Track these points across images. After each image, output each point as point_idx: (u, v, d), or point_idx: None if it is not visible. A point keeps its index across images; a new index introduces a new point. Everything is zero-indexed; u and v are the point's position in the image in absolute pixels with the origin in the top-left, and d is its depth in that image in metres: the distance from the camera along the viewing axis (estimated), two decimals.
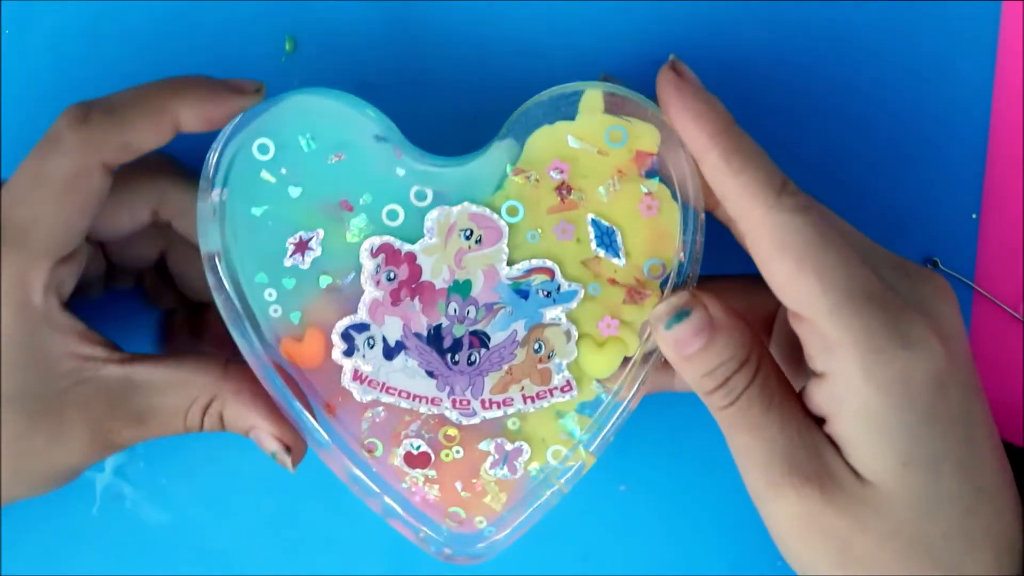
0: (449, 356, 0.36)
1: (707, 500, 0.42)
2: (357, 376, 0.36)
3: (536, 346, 0.35)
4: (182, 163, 0.38)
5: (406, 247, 0.35)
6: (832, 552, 0.32)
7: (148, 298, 0.41)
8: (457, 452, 0.36)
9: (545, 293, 0.35)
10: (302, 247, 0.35)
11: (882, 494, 0.32)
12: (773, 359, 0.34)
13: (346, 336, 0.35)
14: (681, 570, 0.42)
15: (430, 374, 0.36)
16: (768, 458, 0.32)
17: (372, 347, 0.35)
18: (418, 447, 0.36)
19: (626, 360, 0.35)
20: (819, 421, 0.33)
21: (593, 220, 0.34)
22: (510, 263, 0.35)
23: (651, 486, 0.42)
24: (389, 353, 0.36)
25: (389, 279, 0.35)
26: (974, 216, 0.41)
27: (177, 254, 0.39)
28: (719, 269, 0.37)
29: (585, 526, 0.42)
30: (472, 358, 0.36)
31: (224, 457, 0.42)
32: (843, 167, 0.40)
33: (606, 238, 0.34)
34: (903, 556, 0.32)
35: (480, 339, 0.35)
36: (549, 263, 0.35)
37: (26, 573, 0.42)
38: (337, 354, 0.35)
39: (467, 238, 0.35)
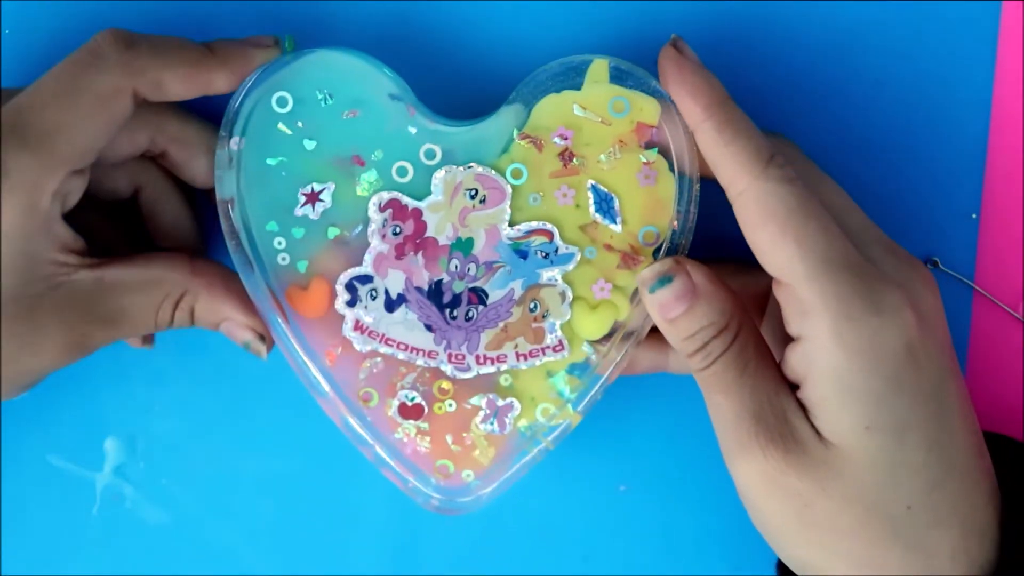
0: (448, 311, 0.37)
1: (707, 500, 0.42)
2: (358, 326, 0.37)
3: (532, 305, 0.37)
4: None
5: (413, 203, 0.36)
6: (793, 513, 0.33)
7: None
8: (450, 405, 0.38)
9: (543, 254, 0.36)
10: (313, 198, 0.36)
11: (844, 457, 0.32)
12: (755, 328, 0.35)
13: (350, 287, 0.37)
14: (681, 570, 0.42)
15: (428, 328, 0.37)
16: (737, 419, 0.33)
17: (374, 299, 0.37)
18: (412, 399, 0.38)
19: (617, 326, 0.37)
20: (795, 388, 0.34)
21: (593, 186, 0.36)
22: (511, 224, 0.36)
23: (651, 486, 0.42)
24: (390, 305, 0.37)
25: (395, 233, 0.36)
26: (974, 216, 0.41)
27: (155, 190, 0.38)
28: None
29: (585, 526, 0.42)
30: (470, 314, 0.37)
31: (224, 457, 0.42)
32: (843, 167, 0.40)
33: (604, 204, 0.36)
34: (863, 522, 0.32)
35: (479, 296, 0.37)
36: (549, 225, 0.36)
37: (26, 573, 0.42)
38: (340, 304, 0.37)
39: (472, 197, 0.36)
